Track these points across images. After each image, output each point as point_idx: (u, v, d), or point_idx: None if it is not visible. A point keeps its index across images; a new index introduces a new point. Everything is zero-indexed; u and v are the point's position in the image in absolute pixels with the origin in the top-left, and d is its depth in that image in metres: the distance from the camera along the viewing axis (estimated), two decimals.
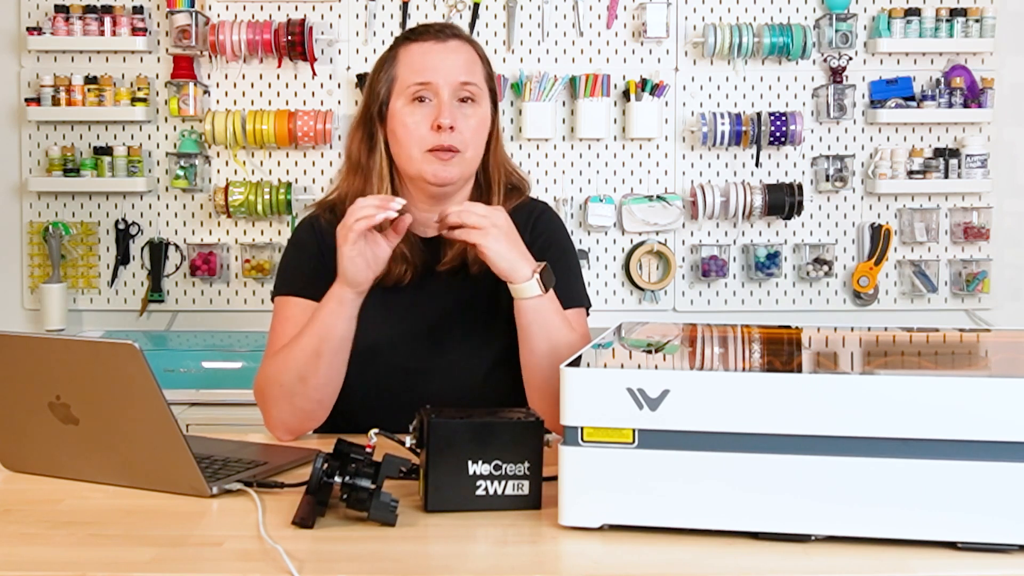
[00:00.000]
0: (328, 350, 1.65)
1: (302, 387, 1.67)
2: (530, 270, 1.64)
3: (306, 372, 1.66)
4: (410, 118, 1.73)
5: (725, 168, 3.46)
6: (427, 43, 1.75)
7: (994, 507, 1.16)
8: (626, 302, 3.48)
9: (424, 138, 1.72)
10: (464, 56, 1.76)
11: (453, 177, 1.74)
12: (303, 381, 1.66)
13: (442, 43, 1.75)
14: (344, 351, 1.67)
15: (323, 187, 3.39)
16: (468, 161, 1.75)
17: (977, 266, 3.48)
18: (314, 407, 1.70)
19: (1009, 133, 3.50)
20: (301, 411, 1.69)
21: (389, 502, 1.26)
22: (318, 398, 1.69)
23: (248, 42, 3.31)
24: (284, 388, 1.67)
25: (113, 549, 1.21)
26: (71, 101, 3.35)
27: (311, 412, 1.70)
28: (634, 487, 1.21)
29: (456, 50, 1.75)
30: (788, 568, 1.15)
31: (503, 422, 1.33)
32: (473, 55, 1.78)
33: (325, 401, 1.70)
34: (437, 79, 1.72)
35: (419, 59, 1.74)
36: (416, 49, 1.75)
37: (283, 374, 1.67)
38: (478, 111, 1.75)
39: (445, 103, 1.72)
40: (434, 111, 1.72)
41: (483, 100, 1.77)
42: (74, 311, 3.46)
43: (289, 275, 1.80)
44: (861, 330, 1.69)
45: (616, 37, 3.45)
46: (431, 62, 1.73)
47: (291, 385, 1.67)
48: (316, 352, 1.65)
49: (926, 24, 3.40)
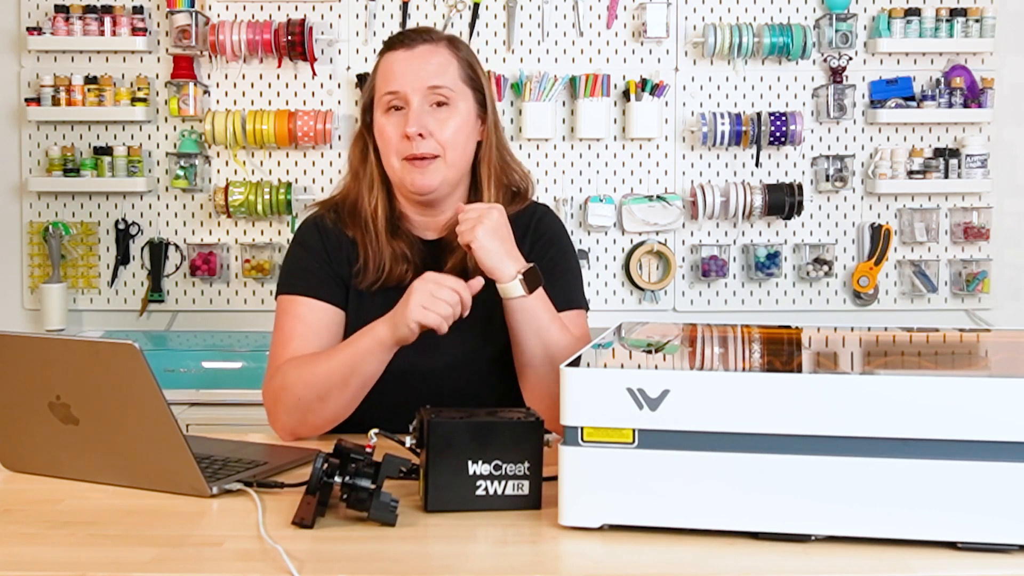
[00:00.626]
0: (355, 384, 1.66)
1: (320, 406, 1.67)
2: (515, 270, 1.64)
3: (327, 395, 1.66)
4: (387, 128, 1.75)
5: (725, 168, 3.46)
6: (397, 52, 1.77)
7: (994, 507, 1.16)
8: (626, 302, 3.48)
9: (399, 147, 1.74)
10: (435, 60, 1.76)
11: (433, 184, 1.74)
12: (322, 401, 1.66)
13: (410, 50, 1.76)
14: (368, 387, 1.68)
15: (323, 187, 3.39)
16: (450, 165, 1.75)
17: (977, 266, 3.48)
18: (325, 424, 1.71)
19: (1009, 133, 3.50)
20: (311, 425, 1.70)
21: (389, 502, 1.26)
22: (331, 418, 1.70)
23: (248, 42, 3.31)
24: (302, 402, 1.67)
25: (113, 549, 1.21)
26: (71, 101, 3.35)
27: (320, 425, 1.71)
28: (634, 487, 1.21)
29: (423, 56, 1.76)
30: (788, 568, 1.15)
31: (503, 422, 1.33)
32: (446, 57, 1.77)
33: (336, 422, 1.71)
34: (404, 87, 1.73)
35: (388, 68, 1.77)
36: (388, 58, 1.78)
37: (304, 389, 1.67)
38: (454, 113, 1.75)
39: (414, 110, 1.72)
40: (405, 120, 1.73)
41: (459, 101, 1.76)
42: (74, 311, 3.46)
43: (296, 275, 1.80)
44: (861, 330, 1.69)
45: (616, 37, 3.45)
46: (397, 70, 1.75)
47: (309, 402, 1.67)
48: (344, 382, 1.65)
49: (926, 24, 3.40)
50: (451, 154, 1.74)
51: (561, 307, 1.76)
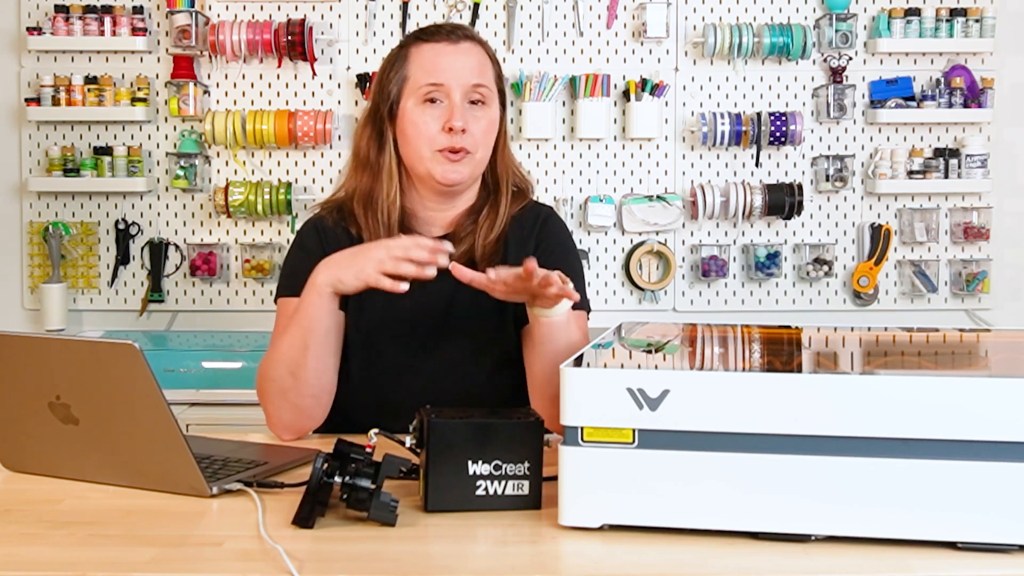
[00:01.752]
0: (314, 342, 1.66)
1: (293, 381, 1.67)
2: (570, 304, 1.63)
3: (295, 366, 1.67)
4: (421, 118, 1.74)
5: (725, 168, 3.46)
6: (440, 44, 1.76)
7: (994, 507, 1.16)
8: (626, 302, 3.48)
9: (435, 138, 1.73)
10: (476, 58, 1.77)
11: (463, 178, 1.75)
12: (293, 375, 1.67)
13: (454, 44, 1.76)
14: (330, 343, 1.69)
15: (323, 187, 3.39)
16: (478, 162, 1.77)
17: (977, 266, 3.48)
18: (309, 403, 1.70)
19: (1009, 133, 3.50)
20: (296, 407, 1.69)
21: (389, 502, 1.26)
22: (311, 393, 1.69)
23: (248, 42, 3.31)
24: (276, 383, 1.68)
25: (113, 549, 1.21)
26: (71, 101, 3.35)
27: (307, 409, 1.70)
28: (634, 487, 1.21)
29: (468, 52, 1.76)
30: (788, 568, 1.15)
31: (503, 422, 1.33)
32: (484, 57, 1.79)
33: (321, 397, 1.70)
34: (449, 81, 1.73)
35: (431, 60, 1.75)
36: (428, 49, 1.76)
37: (275, 369, 1.69)
38: (488, 113, 1.77)
39: (457, 105, 1.73)
40: (446, 113, 1.73)
41: (493, 102, 1.78)
42: (74, 311, 3.46)
43: (295, 277, 1.79)
44: (861, 330, 1.69)
45: (616, 37, 3.45)
46: (443, 63, 1.74)
47: (283, 380, 1.68)
48: (303, 345, 1.66)
49: (926, 24, 3.40)
50: (481, 151, 1.77)
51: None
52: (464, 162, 1.74)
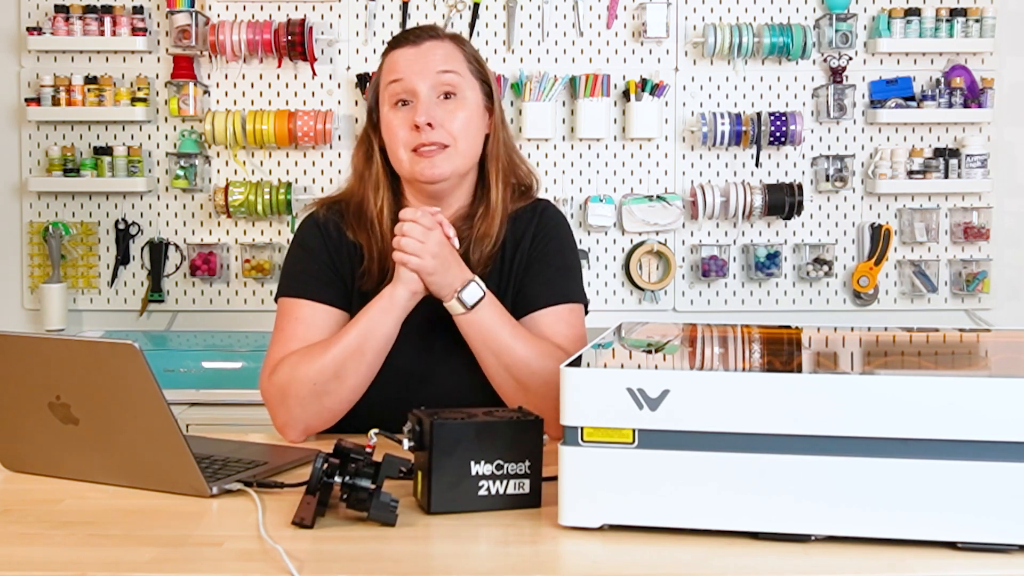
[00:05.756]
0: (371, 349, 1.66)
1: (336, 385, 1.67)
2: (453, 290, 1.66)
3: (344, 371, 1.66)
4: (394, 121, 1.76)
5: (725, 168, 3.46)
6: (403, 49, 1.79)
7: (994, 507, 1.16)
8: (626, 302, 3.48)
9: (407, 139, 1.75)
10: (440, 52, 1.78)
11: (444, 173, 1.75)
12: (339, 379, 1.66)
13: (416, 47, 1.78)
14: (383, 354, 1.68)
15: (323, 187, 3.39)
16: (460, 154, 1.76)
17: (977, 266, 3.48)
18: (341, 407, 1.70)
19: (1009, 133, 3.50)
20: (328, 411, 1.69)
21: (389, 502, 1.26)
22: (348, 398, 1.69)
23: (248, 42, 3.31)
24: (317, 387, 1.67)
25: (113, 549, 1.21)
26: (71, 101, 3.35)
27: (337, 413, 1.70)
28: (634, 487, 1.21)
29: (429, 51, 1.78)
30: (788, 568, 1.15)
31: (504, 421, 1.33)
32: (451, 51, 1.79)
33: (352, 402, 1.71)
34: (410, 77, 1.75)
35: (395, 63, 1.79)
36: (395, 56, 1.80)
37: (318, 373, 1.66)
38: (463, 103, 1.77)
39: (422, 101, 1.74)
40: (413, 111, 1.74)
41: (467, 91, 1.78)
42: (74, 311, 3.46)
43: (296, 277, 1.80)
44: (861, 330, 1.69)
45: (616, 37, 3.45)
46: (403, 64, 1.77)
47: (325, 384, 1.66)
48: (359, 350, 1.66)
49: (926, 24, 3.40)
50: (461, 143, 1.76)
51: (553, 301, 1.77)
52: (444, 155, 1.74)
